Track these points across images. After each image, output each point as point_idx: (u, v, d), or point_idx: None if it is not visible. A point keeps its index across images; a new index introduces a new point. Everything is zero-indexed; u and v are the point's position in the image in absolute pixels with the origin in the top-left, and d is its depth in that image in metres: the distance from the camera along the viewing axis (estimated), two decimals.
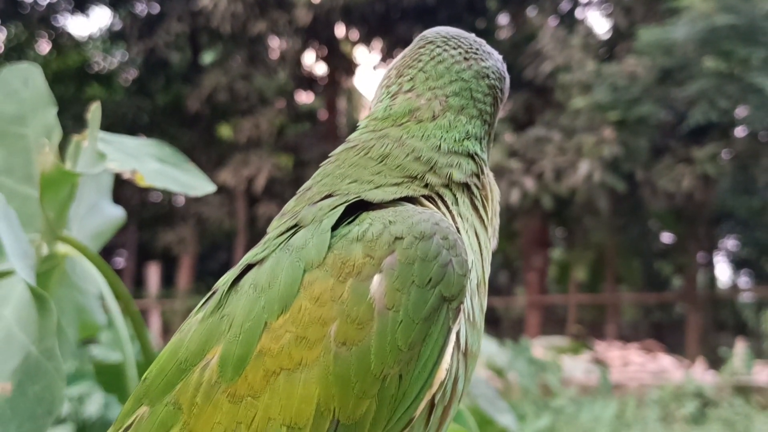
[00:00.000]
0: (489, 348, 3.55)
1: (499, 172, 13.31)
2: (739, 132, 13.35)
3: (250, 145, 15.71)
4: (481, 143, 0.68)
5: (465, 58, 0.72)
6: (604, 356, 10.71)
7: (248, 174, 15.20)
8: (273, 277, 0.53)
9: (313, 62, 17.29)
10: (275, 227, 0.62)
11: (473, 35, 0.78)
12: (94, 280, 1.13)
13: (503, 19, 17.18)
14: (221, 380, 0.51)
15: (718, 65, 11.36)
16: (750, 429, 7.27)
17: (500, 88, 0.73)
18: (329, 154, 0.69)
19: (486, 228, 0.67)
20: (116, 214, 1.25)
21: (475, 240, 0.63)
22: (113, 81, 18.78)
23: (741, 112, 12.69)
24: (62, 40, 17.78)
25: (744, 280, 22.09)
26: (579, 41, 13.32)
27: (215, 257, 21.86)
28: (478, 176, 0.66)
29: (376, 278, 0.51)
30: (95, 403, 3.83)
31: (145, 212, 18.17)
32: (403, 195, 0.59)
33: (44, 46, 18.01)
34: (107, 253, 17.44)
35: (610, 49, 14.08)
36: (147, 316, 15.78)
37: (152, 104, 17.86)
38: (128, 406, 0.57)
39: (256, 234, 16.36)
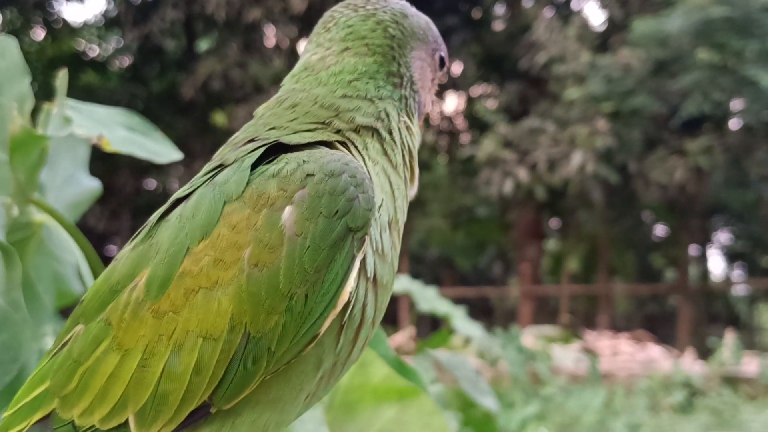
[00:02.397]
0: (474, 332, 3.58)
1: (493, 163, 13.35)
2: (733, 124, 13.39)
3: None
4: (376, 78, 0.72)
5: (355, 11, 0.75)
6: (593, 346, 10.78)
7: None
8: (196, 209, 0.59)
9: None
10: (205, 169, 0.67)
11: None
12: (70, 249, 1.15)
13: (499, 9, 17.20)
14: (147, 299, 0.57)
15: (712, 57, 11.39)
16: (737, 418, 7.33)
17: (394, 21, 0.74)
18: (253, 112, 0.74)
19: (398, 172, 0.70)
20: (92, 185, 1.27)
21: (387, 182, 0.67)
22: (108, 68, 18.76)
23: (735, 104, 12.73)
24: (57, 27, 17.73)
25: (737, 273, 22.15)
26: (574, 32, 13.35)
27: None
28: (383, 120, 0.70)
29: (288, 209, 0.56)
30: None
31: (139, 200, 18.17)
32: (318, 139, 0.64)
33: (39, 33, 17.97)
34: (101, 240, 17.45)
35: (604, 41, 14.10)
36: None
37: (147, 91, 17.84)
38: (67, 325, 0.63)
39: None
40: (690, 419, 7.42)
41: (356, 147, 0.66)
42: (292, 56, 16.79)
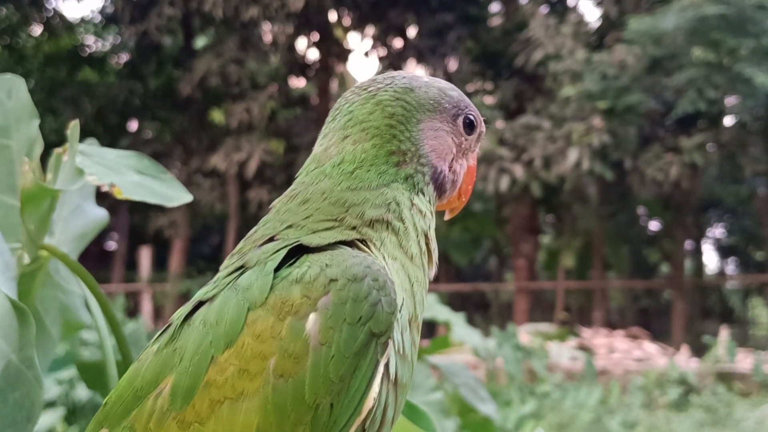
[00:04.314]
0: (472, 339, 3.60)
1: (489, 159, 13.36)
2: (727, 121, 13.42)
3: (242, 130, 15.68)
4: (376, 164, 0.70)
5: (358, 95, 0.74)
6: (590, 343, 10.81)
7: (240, 158, 15.20)
8: (220, 315, 0.59)
9: (305, 47, 17.25)
10: (226, 266, 0.67)
11: (402, 73, 0.77)
12: (77, 280, 1.15)
13: (495, 6, 17.18)
14: (172, 408, 0.56)
15: (706, 55, 11.41)
16: (731, 415, 7.37)
17: (395, 98, 0.72)
18: (269, 205, 0.73)
19: (415, 263, 0.69)
20: (99, 215, 1.26)
21: (406, 279, 0.66)
22: (105, 64, 18.68)
23: (729, 101, 12.76)
24: (55, 22, 17.64)
25: (731, 268, 22.25)
26: (570, 29, 13.35)
27: (207, 241, 21.87)
28: (393, 211, 0.68)
29: (312, 317, 0.56)
30: (85, 387, 3.85)
31: None
32: (338, 239, 0.63)
33: (36, 29, 17.88)
34: (99, 236, 17.42)
35: (600, 38, 14.10)
36: (139, 299, 15.79)
37: (144, 88, 17.79)
38: (90, 428, 0.63)
39: (247, 218, 16.37)
40: (685, 417, 7.46)
41: (374, 244, 0.66)
42: (289, 53, 16.78)
